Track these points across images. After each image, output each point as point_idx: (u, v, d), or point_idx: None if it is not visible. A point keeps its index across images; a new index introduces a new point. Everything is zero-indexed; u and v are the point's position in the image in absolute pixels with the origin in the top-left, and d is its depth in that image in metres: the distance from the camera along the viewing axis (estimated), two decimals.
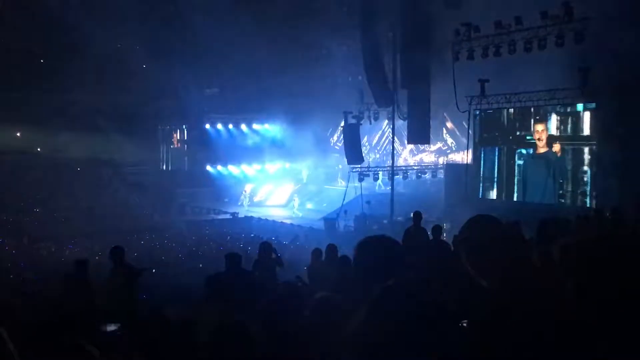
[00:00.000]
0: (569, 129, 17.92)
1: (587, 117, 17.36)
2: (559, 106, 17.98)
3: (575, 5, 15.85)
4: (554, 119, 18.23)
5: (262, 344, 2.84)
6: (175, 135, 35.10)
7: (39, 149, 29.62)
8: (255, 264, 9.21)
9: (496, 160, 20.07)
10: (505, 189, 19.85)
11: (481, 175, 20.49)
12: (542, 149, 18.46)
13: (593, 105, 17.09)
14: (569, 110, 17.91)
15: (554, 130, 18.24)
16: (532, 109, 18.69)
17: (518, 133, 19.33)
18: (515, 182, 19.44)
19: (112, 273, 8.51)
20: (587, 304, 2.18)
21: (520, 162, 19.30)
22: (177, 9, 24.86)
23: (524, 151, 19.19)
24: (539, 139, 18.52)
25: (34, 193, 25.98)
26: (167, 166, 35.35)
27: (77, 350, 2.30)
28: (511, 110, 19.39)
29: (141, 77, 25.68)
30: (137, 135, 29.85)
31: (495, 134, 20.12)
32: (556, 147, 18.07)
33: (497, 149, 20.07)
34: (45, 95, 26.36)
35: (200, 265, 14.40)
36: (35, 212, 25.58)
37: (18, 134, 29.21)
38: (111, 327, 5.53)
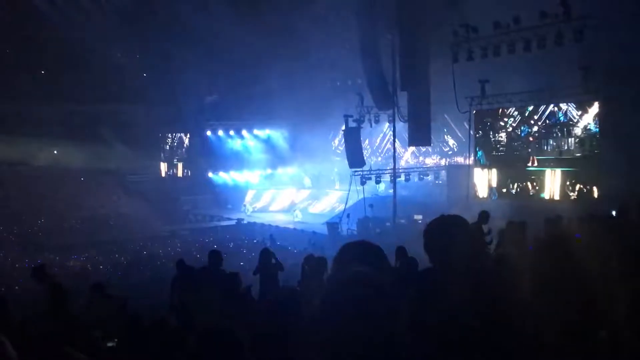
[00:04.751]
0: (569, 127, 17.84)
1: (588, 115, 17.28)
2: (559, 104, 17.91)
3: (574, 4, 15.76)
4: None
5: (255, 348, 2.79)
6: (176, 142, 35.09)
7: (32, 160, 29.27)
8: (255, 270, 9.31)
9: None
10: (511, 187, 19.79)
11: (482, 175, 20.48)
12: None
13: (595, 103, 17.00)
14: (569, 108, 17.81)
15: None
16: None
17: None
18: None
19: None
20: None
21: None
22: (175, 17, 24.89)
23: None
24: None
25: (36, 204, 25.89)
26: (168, 174, 35.35)
27: (63, 356, 2.24)
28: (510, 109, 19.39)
29: (141, 85, 25.69)
30: (138, 143, 29.87)
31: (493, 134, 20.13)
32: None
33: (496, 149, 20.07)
34: (45, 107, 26.36)
35: None
36: (39, 224, 25.51)
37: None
38: (110, 343, 5.46)
